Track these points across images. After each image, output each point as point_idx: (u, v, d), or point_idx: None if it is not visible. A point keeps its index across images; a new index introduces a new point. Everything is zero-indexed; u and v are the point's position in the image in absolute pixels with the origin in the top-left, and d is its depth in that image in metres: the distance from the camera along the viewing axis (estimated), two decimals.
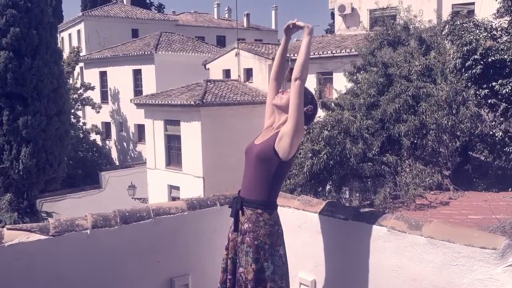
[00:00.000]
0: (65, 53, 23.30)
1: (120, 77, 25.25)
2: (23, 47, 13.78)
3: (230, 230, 2.47)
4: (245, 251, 2.35)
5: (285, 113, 2.43)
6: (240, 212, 2.40)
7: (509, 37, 8.70)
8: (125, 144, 26.03)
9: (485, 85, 8.55)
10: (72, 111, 21.21)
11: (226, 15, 38.82)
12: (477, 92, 8.61)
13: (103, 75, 26.47)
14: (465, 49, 8.51)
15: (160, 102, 18.00)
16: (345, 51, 16.13)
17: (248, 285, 2.32)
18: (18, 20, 13.75)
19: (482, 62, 8.43)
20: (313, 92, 11.49)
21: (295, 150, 2.36)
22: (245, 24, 34.41)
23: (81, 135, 23.88)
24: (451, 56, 8.93)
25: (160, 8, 45.82)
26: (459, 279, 2.05)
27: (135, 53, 24.24)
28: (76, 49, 25.13)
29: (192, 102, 16.65)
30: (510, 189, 8.28)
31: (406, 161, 8.80)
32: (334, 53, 16.57)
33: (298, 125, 2.31)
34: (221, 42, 32.82)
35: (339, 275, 2.57)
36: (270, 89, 2.67)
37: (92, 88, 24.88)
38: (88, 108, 25.82)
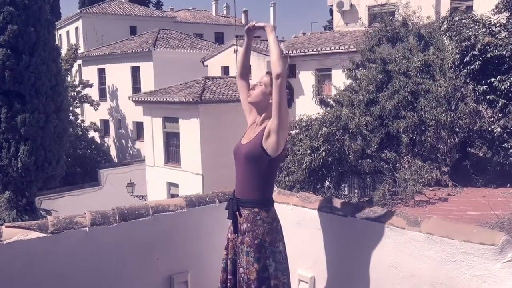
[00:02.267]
0: (63, 51, 23.23)
1: (118, 75, 25.21)
2: (21, 45, 13.74)
3: (229, 231, 2.46)
4: (245, 251, 2.33)
5: (264, 107, 2.46)
6: (237, 213, 2.40)
7: (507, 33, 8.68)
8: (123, 141, 26.00)
9: (483, 81, 8.53)
10: (71, 108, 21.19)
11: (224, 12, 38.75)
12: (476, 88, 8.59)
13: (101, 72, 26.42)
14: (464, 45, 8.49)
15: (158, 99, 17.97)
16: (344, 47, 16.12)
17: (251, 285, 2.31)
18: (15, 17, 13.71)
19: (480, 58, 8.41)
20: (312, 89, 11.34)
21: (283, 145, 2.37)
22: (243, 21, 34.34)
23: (80, 133, 23.81)
24: (450, 52, 8.91)
25: (158, 5, 45.73)
26: (458, 275, 2.05)
27: (133, 50, 24.18)
28: (74, 47, 25.05)
29: (191, 99, 16.62)
30: (508, 185, 8.27)
31: (405, 157, 8.79)
32: (332, 50, 16.56)
33: (283, 121, 2.32)
34: (219, 39, 32.78)
35: (338, 272, 2.57)
36: (240, 88, 2.75)
37: (91, 86, 24.81)
38: (86, 106, 25.77)
